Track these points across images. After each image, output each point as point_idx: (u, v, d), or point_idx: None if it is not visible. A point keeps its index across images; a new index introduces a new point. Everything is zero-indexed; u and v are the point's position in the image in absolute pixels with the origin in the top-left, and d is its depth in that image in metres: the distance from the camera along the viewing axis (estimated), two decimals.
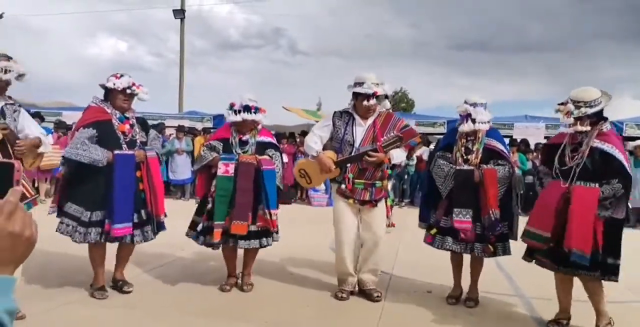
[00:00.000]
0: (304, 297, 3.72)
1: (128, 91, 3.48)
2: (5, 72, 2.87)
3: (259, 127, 3.80)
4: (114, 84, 3.45)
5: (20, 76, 2.96)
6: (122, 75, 3.51)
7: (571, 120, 2.98)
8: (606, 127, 3.03)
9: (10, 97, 3.11)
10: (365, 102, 3.57)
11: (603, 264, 2.91)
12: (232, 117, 3.67)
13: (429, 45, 68.23)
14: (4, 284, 0.72)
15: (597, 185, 2.91)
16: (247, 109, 3.65)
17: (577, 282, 3.16)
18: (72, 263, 4.19)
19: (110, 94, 3.53)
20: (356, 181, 3.57)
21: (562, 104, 3.05)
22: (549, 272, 3.21)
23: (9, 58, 2.92)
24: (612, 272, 2.93)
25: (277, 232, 3.78)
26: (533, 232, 3.11)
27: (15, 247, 0.73)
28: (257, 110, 3.68)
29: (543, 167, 3.38)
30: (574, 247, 2.84)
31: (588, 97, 2.98)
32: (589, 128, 2.99)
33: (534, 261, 3.22)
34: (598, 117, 3.03)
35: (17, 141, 3.00)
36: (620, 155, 2.92)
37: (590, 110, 2.96)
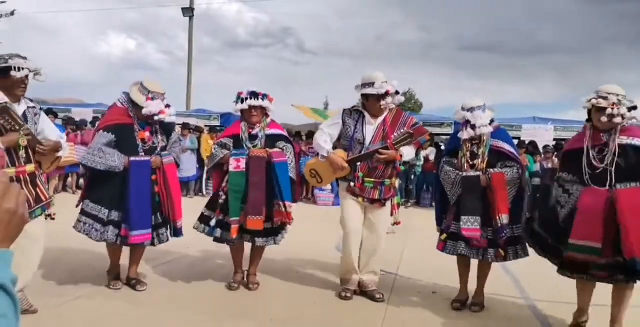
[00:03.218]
0: (309, 296, 3.73)
1: (156, 118, 3.48)
2: (18, 70, 2.86)
3: (268, 120, 3.79)
4: (144, 107, 3.40)
5: (36, 74, 2.95)
6: (154, 98, 3.43)
7: (624, 110, 2.81)
8: (627, 123, 2.91)
9: (31, 100, 3.12)
10: (379, 103, 3.53)
11: None
12: (239, 106, 3.66)
13: (438, 47, 67.94)
14: (5, 258, 0.78)
15: (638, 184, 2.77)
16: (254, 95, 3.64)
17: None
18: (81, 259, 4.23)
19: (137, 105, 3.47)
20: (366, 179, 3.55)
21: (600, 98, 2.87)
22: (554, 275, 3.18)
23: (22, 57, 2.91)
24: None
25: (289, 225, 3.75)
26: (582, 245, 2.82)
27: (10, 224, 0.79)
28: (264, 96, 3.67)
29: (566, 174, 3.09)
30: (638, 256, 2.62)
31: (621, 91, 2.89)
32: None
33: (585, 276, 2.95)
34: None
35: (42, 140, 3.04)
36: None
37: (629, 104, 2.88)
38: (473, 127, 3.37)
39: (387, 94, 3.50)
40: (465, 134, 3.40)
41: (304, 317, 3.33)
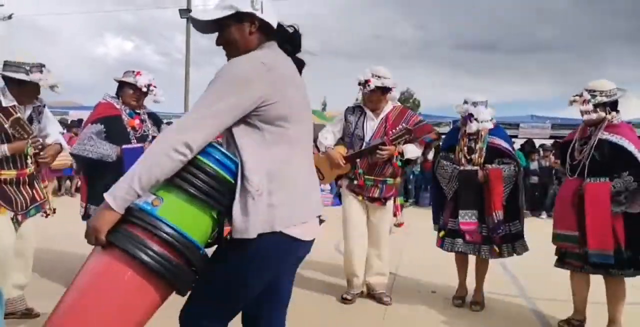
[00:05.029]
0: (308, 297, 3.73)
1: (144, 90, 3.44)
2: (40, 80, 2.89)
3: None
4: (135, 81, 3.40)
5: (52, 86, 2.97)
6: (142, 73, 3.44)
7: (590, 106, 2.89)
8: (617, 119, 2.95)
9: (36, 99, 3.11)
10: (362, 89, 3.53)
11: (633, 261, 2.81)
12: None
13: (436, 45, 68.15)
14: None
15: (608, 179, 2.83)
16: None
17: (592, 284, 3.08)
18: (78, 261, 4.22)
19: (122, 89, 3.49)
20: (366, 177, 3.54)
21: (577, 95, 2.99)
22: (553, 273, 3.19)
23: (42, 67, 2.91)
24: None
25: None
26: (562, 234, 3.03)
27: None
28: None
29: (561, 167, 3.31)
30: (593, 247, 2.78)
31: (604, 86, 2.94)
32: (613, 114, 2.91)
33: (565, 266, 3.10)
34: (613, 110, 2.95)
35: (41, 153, 3.02)
36: (631, 146, 2.81)
37: (606, 99, 2.90)
38: (477, 120, 3.40)
39: (366, 82, 3.48)
40: (473, 127, 3.41)
41: (304, 318, 3.32)
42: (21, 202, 2.91)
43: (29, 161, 2.96)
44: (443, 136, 4.29)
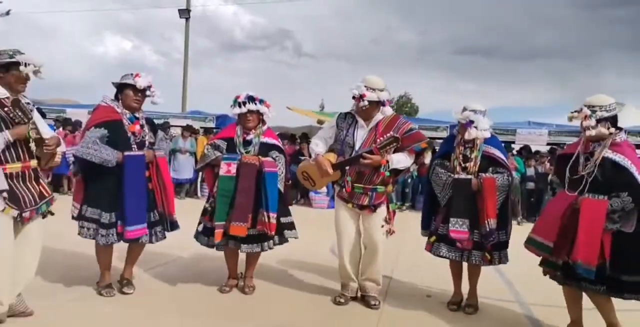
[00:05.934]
0: (304, 299, 3.73)
1: (147, 93, 3.48)
2: (26, 65, 2.82)
3: (264, 127, 3.77)
4: (135, 82, 3.41)
5: (36, 72, 2.91)
6: (141, 75, 3.46)
7: (593, 122, 2.89)
8: (620, 137, 2.95)
9: (25, 97, 3.08)
10: (357, 105, 3.51)
11: (611, 280, 2.81)
12: (236, 110, 3.66)
13: (434, 50, 68.57)
14: None
15: (606, 197, 2.84)
16: (251, 99, 3.65)
17: None
18: (74, 260, 4.20)
19: (122, 92, 3.49)
20: (355, 184, 3.51)
21: (575, 111, 2.99)
22: (547, 279, 3.19)
23: (22, 53, 2.86)
24: (625, 290, 2.80)
25: (280, 235, 3.72)
26: (536, 240, 3.08)
27: None
28: (261, 102, 3.68)
29: (555, 177, 3.31)
30: (580, 259, 2.78)
31: (603, 101, 2.94)
32: (612, 130, 2.91)
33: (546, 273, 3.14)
34: (613, 125, 2.94)
35: (47, 139, 2.96)
36: (632, 167, 2.83)
37: (606, 114, 2.90)
38: (476, 128, 3.41)
39: (361, 97, 3.45)
40: (473, 133, 3.41)
41: (299, 320, 3.32)
42: (29, 199, 2.85)
43: (32, 150, 2.88)
44: (440, 141, 4.27)
